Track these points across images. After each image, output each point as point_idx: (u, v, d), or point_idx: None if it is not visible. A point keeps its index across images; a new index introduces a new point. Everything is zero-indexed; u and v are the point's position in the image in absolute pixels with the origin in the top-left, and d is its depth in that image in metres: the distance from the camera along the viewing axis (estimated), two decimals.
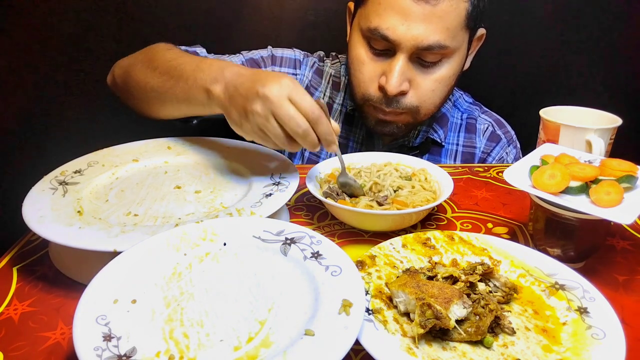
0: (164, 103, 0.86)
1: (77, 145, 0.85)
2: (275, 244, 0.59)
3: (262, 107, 0.66)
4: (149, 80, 0.85)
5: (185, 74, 0.78)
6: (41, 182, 0.72)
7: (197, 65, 0.77)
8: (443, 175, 0.79)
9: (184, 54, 0.86)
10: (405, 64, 0.88)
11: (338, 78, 1.10)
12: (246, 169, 0.80)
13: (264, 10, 1.36)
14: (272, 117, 0.66)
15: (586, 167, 0.63)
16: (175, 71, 0.81)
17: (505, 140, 1.10)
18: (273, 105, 0.65)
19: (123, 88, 0.95)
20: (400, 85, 0.88)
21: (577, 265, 0.65)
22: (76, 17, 1.30)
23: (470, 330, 0.49)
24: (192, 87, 0.77)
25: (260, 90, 0.66)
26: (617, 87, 1.43)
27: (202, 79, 0.75)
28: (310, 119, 0.66)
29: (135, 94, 0.91)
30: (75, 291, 0.51)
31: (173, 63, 0.82)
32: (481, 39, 0.99)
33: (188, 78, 0.77)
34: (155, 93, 0.85)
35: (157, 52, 0.89)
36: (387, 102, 0.91)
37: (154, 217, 0.67)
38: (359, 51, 0.93)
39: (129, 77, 0.91)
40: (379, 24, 0.86)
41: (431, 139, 1.07)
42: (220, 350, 0.45)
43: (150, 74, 0.85)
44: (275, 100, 0.65)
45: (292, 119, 0.65)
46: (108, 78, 1.00)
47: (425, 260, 0.61)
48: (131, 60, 0.94)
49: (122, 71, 0.95)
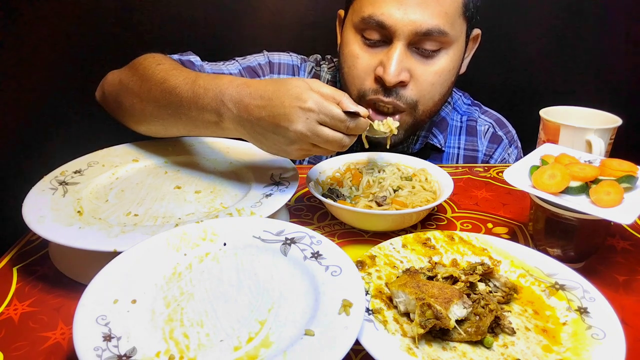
0: (167, 128, 0.81)
1: (77, 145, 0.85)
2: (275, 244, 0.59)
3: (304, 126, 0.63)
4: (145, 106, 0.79)
5: (184, 102, 0.72)
6: (41, 182, 0.72)
7: (193, 91, 0.71)
8: (443, 176, 0.79)
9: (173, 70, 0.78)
10: (403, 52, 0.85)
11: (334, 83, 1.07)
12: (246, 169, 0.80)
13: (264, 10, 1.37)
14: (318, 127, 0.63)
15: (586, 167, 0.63)
16: (171, 97, 0.74)
17: (507, 141, 1.09)
18: (315, 114, 0.63)
19: (115, 107, 0.88)
20: (399, 73, 0.85)
21: (577, 265, 0.65)
22: (76, 19, 1.30)
23: (470, 330, 0.49)
24: (196, 120, 0.72)
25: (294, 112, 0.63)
26: (617, 87, 1.43)
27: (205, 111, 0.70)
28: (350, 128, 0.65)
29: (132, 116, 0.84)
30: (75, 291, 0.51)
31: (165, 86, 0.75)
32: (477, 40, 0.98)
33: (190, 108, 0.72)
34: (156, 119, 0.79)
35: (147, 68, 0.81)
36: (386, 92, 0.88)
37: (154, 217, 0.67)
38: (353, 47, 0.90)
39: (122, 98, 0.84)
40: (374, 11, 0.84)
41: (430, 144, 1.05)
42: (220, 350, 0.45)
43: (145, 97, 0.79)
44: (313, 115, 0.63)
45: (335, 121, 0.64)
46: (97, 93, 0.94)
47: (425, 260, 0.61)
48: (121, 77, 0.86)
49: (113, 90, 0.88)
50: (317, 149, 0.67)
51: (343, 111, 0.63)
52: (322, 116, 0.63)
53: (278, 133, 0.64)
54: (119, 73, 0.88)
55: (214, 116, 0.69)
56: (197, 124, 0.73)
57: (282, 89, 0.64)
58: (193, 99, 0.71)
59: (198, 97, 0.70)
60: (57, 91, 1.36)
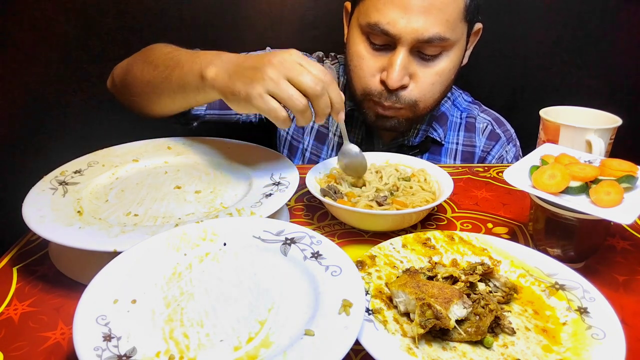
0: (160, 95, 0.87)
1: (77, 145, 0.85)
2: (275, 244, 0.59)
3: (275, 72, 0.66)
4: (145, 75, 0.87)
5: (180, 62, 0.79)
6: (41, 182, 0.72)
7: (193, 54, 0.79)
8: (443, 176, 0.79)
9: (181, 49, 0.87)
10: (405, 58, 0.88)
11: (337, 78, 1.10)
12: (246, 168, 0.80)
13: (264, 10, 1.36)
14: (285, 80, 0.66)
15: (586, 167, 0.63)
16: (171, 61, 0.82)
17: (505, 138, 1.10)
18: (286, 69, 0.66)
19: (122, 88, 0.96)
20: (401, 79, 0.88)
21: (577, 265, 0.65)
22: (77, 17, 1.30)
23: (470, 330, 0.49)
24: (186, 74, 0.77)
25: (272, 59, 0.67)
26: (617, 87, 1.43)
27: (197, 63, 0.75)
28: (324, 81, 0.67)
29: (133, 90, 0.92)
30: (75, 291, 0.51)
31: (169, 55, 0.84)
32: (478, 33, 0.99)
33: (183, 66, 0.78)
34: (152, 86, 0.86)
35: (155, 48, 0.91)
36: (388, 95, 0.91)
37: (154, 217, 0.67)
38: (359, 47, 0.93)
39: (127, 75, 0.92)
40: (379, 19, 0.86)
41: (431, 137, 1.07)
42: (220, 350, 0.45)
43: (147, 69, 0.86)
44: (288, 65, 0.66)
45: (308, 77, 0.66)
46: (108, 82, 1.01)
47: (425, 260, 0.61)
48: (130, 61, 0.95)
49: (121, 71, 0.96)
50: (276, 104, 0.67)
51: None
52: (297, 66, 0.66)
53: (253, 69, 0.67)
54: (128, 59, 0.96)
55: (204, 66, 0.73)
56: (186, 79, 0.77)
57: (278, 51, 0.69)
58: (193, 57, 0.77)
59: (197, 56, 0.77)
60: (57, 91, 1.36)
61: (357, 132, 1.08)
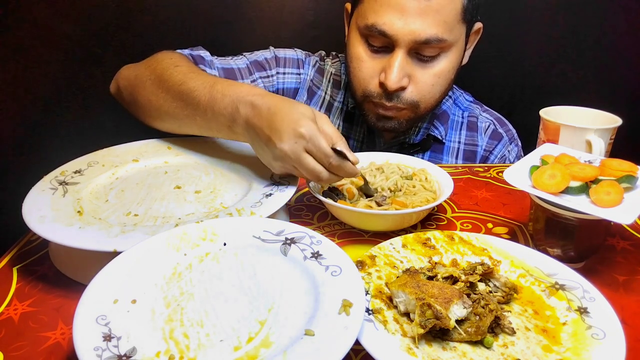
0: (181, 127, 0.85)
1: (77, 145, 0.85)
2: (275, 244, 0.59)
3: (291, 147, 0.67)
4: (162, 104, 0.83)
5: (201, 105, 0.76)
6: (41, 182, 0.72)
7: (211, 95, 0.76)
8: (443, 175, 0.79)
9: (191, 73, 0.82)
10: (404, 59, 0.88)
11: (339, 77, 1.10)
12: (246, 169, 0.80)
13: (264, 10, 1.37)
14: (304, 153, 0.67)
15: (586, 167, 0.63)
16: (189, 98, 0.78)
17: (507, 138, 1.10)
18: (293, 161, 0.68)
19: (130, 102, 0.91)
20: (400, 80, 0.89)
21: (577, 265, 0.65)
22: (77, 18, 1.30)
23: (470, 330, 0.49)
24: (211, 121, 0.77)
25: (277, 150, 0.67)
26: (617, 87, 1.43)
27: (220, 114, 0.74)
28: (333, 166, 0.68)
29: (147, 112, 0.88)
30: (75, 291, 0.51)
31: (184, 88, 0.79)
32: (478, 32, 0.99)
33: (205, 111, 0.76)
34: (172, 118, 0.83)
35: (165, 69, 0.85)
36: (388, 97, 0.92)
37: (154, 217, 0.67)
38: (358, 49, 0.93)
39: (138, 94, 0.88)
40: (376, 20, 0.87)
41: (432, 135, 1.07)
42: (220, 350, 0.45)
43: (162, 96, 0.83)
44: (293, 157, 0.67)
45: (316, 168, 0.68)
46: (112, 87, 0.97)
47: (425, 260, 0.61)
48: (137, 73, 0.90)
49: (128, 84, 0.91)
50: (297, 172, 0.71)
51: (332, 149, 0.67)
52: (310, 145, 0.66)
53: (268, 146, 0.69)
54: (135, 69, 0.92)
55: (228, 120, 0.74)
56: (211, 125, 0.78)
57: (288, 109, 0.68)
58: (210, 103, 0.75)
59: (215, 101, 0.75)
60: (57, 91, 1.36)
61: (358, 131, 1.08)
